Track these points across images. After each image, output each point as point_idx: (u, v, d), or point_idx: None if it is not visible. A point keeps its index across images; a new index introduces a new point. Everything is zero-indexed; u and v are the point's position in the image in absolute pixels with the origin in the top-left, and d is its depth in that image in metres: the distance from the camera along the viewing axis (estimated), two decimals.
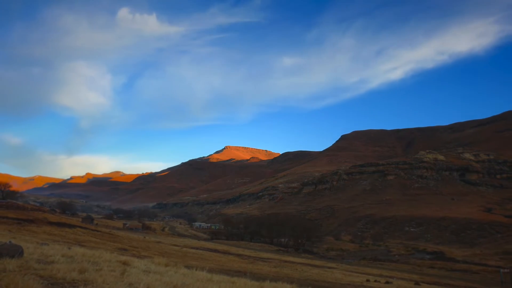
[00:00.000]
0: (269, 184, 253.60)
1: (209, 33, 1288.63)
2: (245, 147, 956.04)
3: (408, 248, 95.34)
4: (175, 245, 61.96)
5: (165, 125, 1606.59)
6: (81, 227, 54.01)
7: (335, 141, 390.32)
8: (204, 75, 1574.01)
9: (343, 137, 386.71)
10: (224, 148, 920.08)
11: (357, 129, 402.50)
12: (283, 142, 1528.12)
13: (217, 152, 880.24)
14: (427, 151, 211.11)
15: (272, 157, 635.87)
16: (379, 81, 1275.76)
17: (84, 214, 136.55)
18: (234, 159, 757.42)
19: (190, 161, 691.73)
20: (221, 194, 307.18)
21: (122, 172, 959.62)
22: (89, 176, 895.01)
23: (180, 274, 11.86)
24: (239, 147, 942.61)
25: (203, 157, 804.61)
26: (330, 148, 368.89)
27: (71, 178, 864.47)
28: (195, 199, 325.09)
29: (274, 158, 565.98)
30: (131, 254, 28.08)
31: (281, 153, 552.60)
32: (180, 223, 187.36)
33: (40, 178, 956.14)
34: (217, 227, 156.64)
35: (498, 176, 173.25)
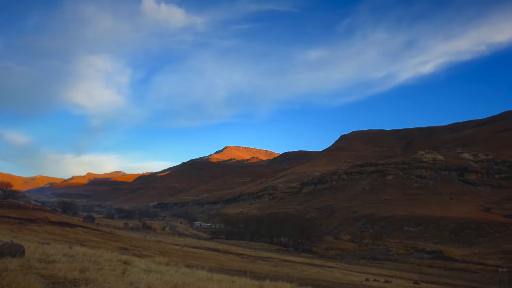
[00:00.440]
0: (269, 184, 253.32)
1: (237, 23, 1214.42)
2: (245, 147, 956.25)
3: (407, 248, 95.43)
4: (176, 245, 62.13)
5: (180, 123, 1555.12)
6: (82, 227, 54.14)
7: (335, 141, 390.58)
8: (224, 70, 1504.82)
9: (343, 137, 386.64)
10: (224, 148, 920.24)
11: (356, 129, 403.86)
12: (283, 142, 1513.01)
13: (218, 152, 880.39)
14: (426, 151, 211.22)
15: (272, 157, 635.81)
16: (407, 76, 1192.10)
17: (85, 214, 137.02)
18: (234, 159, 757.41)
19: (191, 161, 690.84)
20: (221, 194, 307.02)
21: (123, 172, 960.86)
22: (90, 176, 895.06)
23: (181, 273, 11.95)
24: (239, 147, 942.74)
25: (204, 157, 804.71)
26: (330, 148, 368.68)
27: (72, 178, 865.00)
28: (196, 199, 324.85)
29: (274, 158, 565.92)
30: (132, 254, 28.24)
31: (281, 153, 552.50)
32: (181, 223, 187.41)
33: (42, 178, 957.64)
34: (217, 227, 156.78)
35: (497, 176, 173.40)
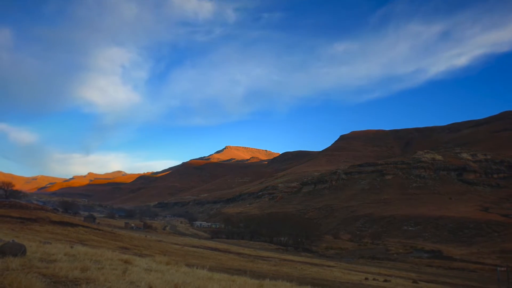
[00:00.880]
0: (269, 184, 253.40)
1: (269, 10, 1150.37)
2: (245, 147, 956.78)
3: (406, 247, 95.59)
4: (176, 244, 62.27)
5: (196, 121, 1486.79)
6: (83, 226, 54.18)
7: (334, 141, 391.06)
8: (245, 64, 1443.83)
9: (342, 137, 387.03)
10: (225, 148, 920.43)
11: (356, 129, 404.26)
12: (283, 142, 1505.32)
13: (218, 152, 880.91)
14: (425, 151, 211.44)
15: (272, 157, 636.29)
16: (439, 70, 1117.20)
17: (86, 213, 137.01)
18: (235, 159, 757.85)
19: (191, 161, 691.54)
20: (222, 194, 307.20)
21: (124, 172, 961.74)
22: (91, 176, 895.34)
23: (181, 273, 11.98)
24: (239, 147, 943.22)
25: (204, 157, 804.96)
26: (329, 148, 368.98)
27: (73, 178, 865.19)
28: (196, 199, 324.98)
29: (274, 158, 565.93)
30: (133, 253, 28.40)
31: (281, 153, 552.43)
32: (181, 222, 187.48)
33: (43, 178, 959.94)
34: (218, 226, 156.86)
35: (495, 176, 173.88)
